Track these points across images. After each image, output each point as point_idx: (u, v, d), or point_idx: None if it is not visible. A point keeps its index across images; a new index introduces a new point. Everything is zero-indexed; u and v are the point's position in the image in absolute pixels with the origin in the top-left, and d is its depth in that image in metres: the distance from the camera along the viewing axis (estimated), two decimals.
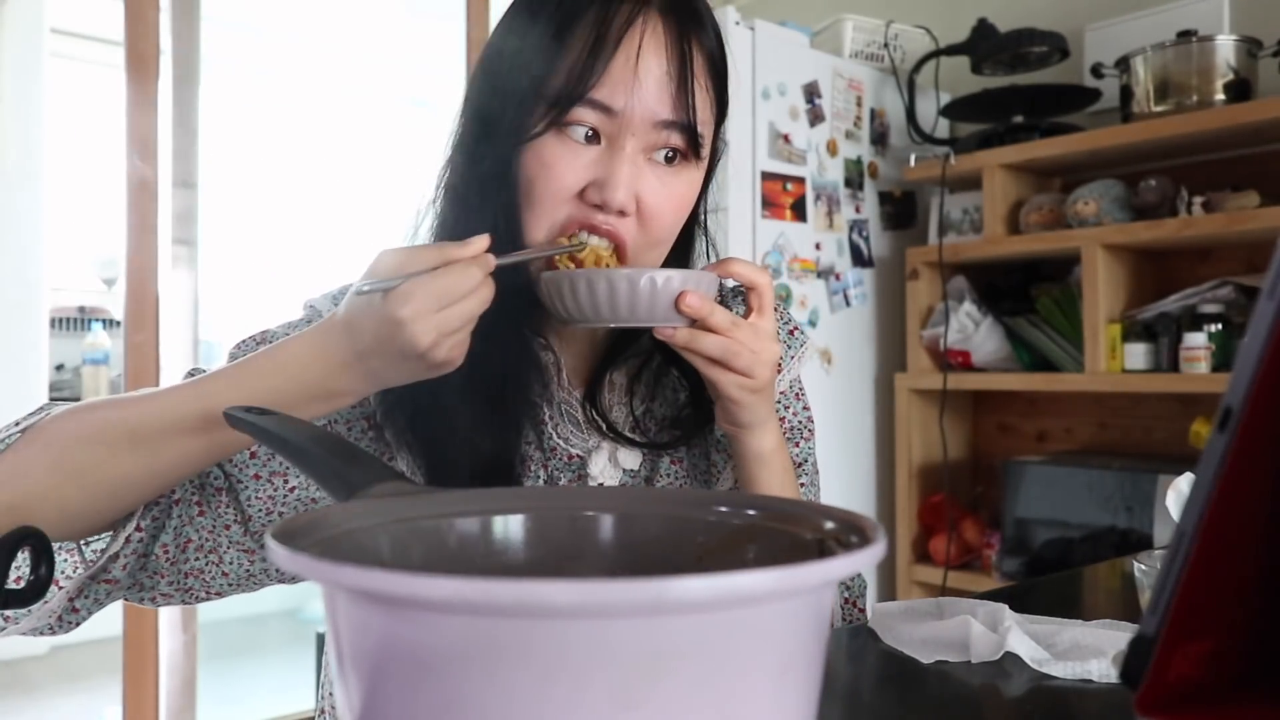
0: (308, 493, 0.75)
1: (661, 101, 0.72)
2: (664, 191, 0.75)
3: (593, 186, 0.72)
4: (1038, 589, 1.03)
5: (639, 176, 0.73)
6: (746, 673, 0.33)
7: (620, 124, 0.72)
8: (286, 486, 0.75)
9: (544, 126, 0.72)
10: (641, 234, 0.75)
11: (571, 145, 0.72)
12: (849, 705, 0.62)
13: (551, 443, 0.81)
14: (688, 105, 0.73)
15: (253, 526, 0.74)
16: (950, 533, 2.38)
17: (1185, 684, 0.35)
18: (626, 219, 0.73)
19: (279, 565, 0.35)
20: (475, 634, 0.30)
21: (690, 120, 0.73)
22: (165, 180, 2.11)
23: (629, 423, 0.83)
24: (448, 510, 0.48)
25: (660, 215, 0.75)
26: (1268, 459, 0.34)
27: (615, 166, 0.72)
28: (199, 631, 2.20)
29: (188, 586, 0.75)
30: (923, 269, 2.44)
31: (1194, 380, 1.99)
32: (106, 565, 0.70)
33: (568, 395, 0.83)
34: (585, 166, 0.72)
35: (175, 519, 0.73)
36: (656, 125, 0.72)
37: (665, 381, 0.86)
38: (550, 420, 0.81)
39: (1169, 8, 2.28)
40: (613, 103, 0.71)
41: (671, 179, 0.75)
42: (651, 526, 0.48)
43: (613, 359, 0.84)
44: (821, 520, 0.44)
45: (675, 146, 0.74)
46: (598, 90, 0.70)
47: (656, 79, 0.71)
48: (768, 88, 2.26)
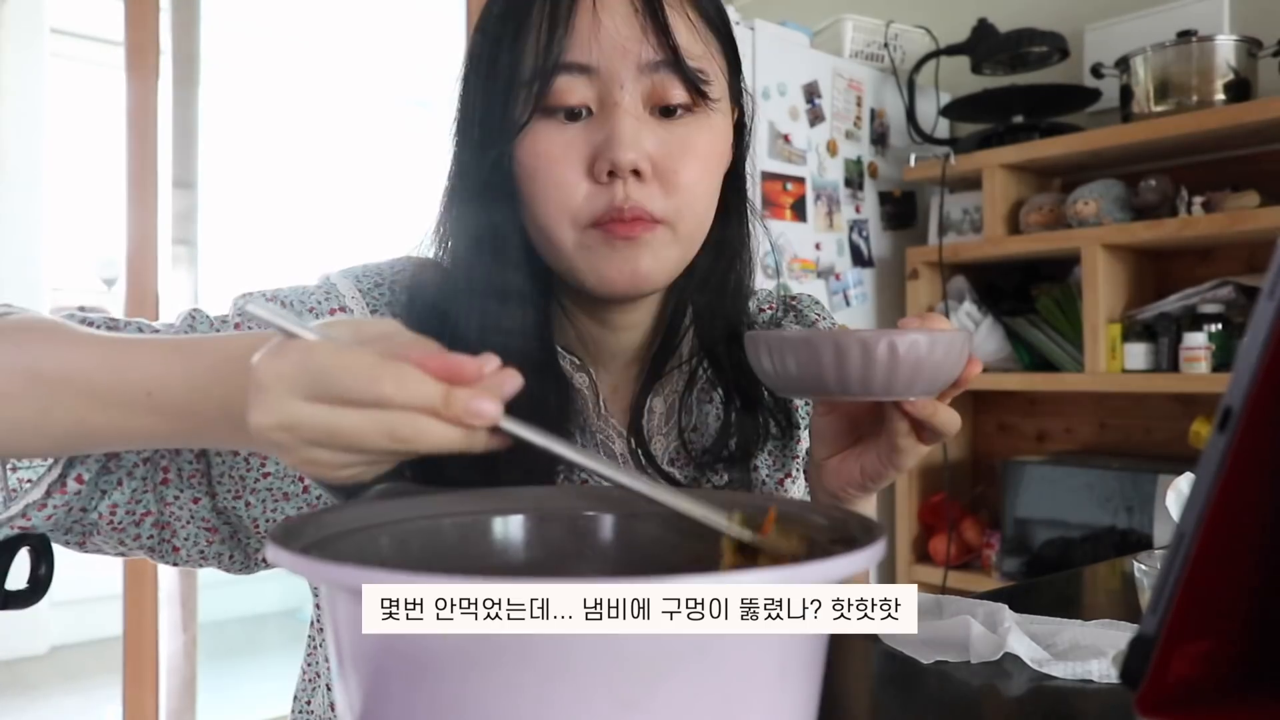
0: (281, 484, 0.69)
1: (634, 38, 0.66)
2: (678, 143, 0.67)
3: (599, 158, 0.66)
4: (1038, 589, 1.03)
5: (644, 132, 0.66)
6: (746, 673, 0.33)
7: (604, 81, 0.66)
8: (261, 471, 0.68)
9: (529, 113, 0.66)
10: (670, 200, 0.67)
11: (563, 126, 0.67)
12: (849, 705, 0.62)
13: (583, 476, 0.72)
14: (665, 31, 0.66)
15: (219, 503, 0.68)
16: (950, 533, 2.38)
17: (1185, 684, 0.35)
18: (647, 186, 0.66)
19: (279, 566, 0.35)
20: (475, 634, 0.30)
21: (674, 53, 0.66)
22: (165, 180, 2.11)
23: (668, 455, 0.77)
24: (448, 510, 0.48)
25: (683, 172, 0.67)
26: (1268, 459, 0.34)
27: (615, 124, 0.65)
28: (199, 631, 2.20)
29: (130, 549, 0.68)
30: (923, 269, 2.44)
31: (1194, 380, 1.99)
32: (25, 510, 0.62)
33: (604, 424, 0.76)
34: (584, 141, 0.66)
35: (137, 480, 0.65)
36: (642, 70, 0.66)
37: (708, 409, 0.79)
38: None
39: (1169, 8, 2.28)
40: (587, 59, 0.65)
41: (683, 130, 0.68)
42: (652, 526, 0.48)
43: (653, 380, 0.77)
44: (821, 520, 0.44)
45: (675, 96, 0.67)
46: (568, 53, 0.65)
47: (623, 17, 0.66)
48: (768, 88, 2.26)
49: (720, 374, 0.78)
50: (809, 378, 0.59)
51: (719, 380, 0.79)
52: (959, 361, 0.61)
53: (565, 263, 0.69)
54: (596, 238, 0.67)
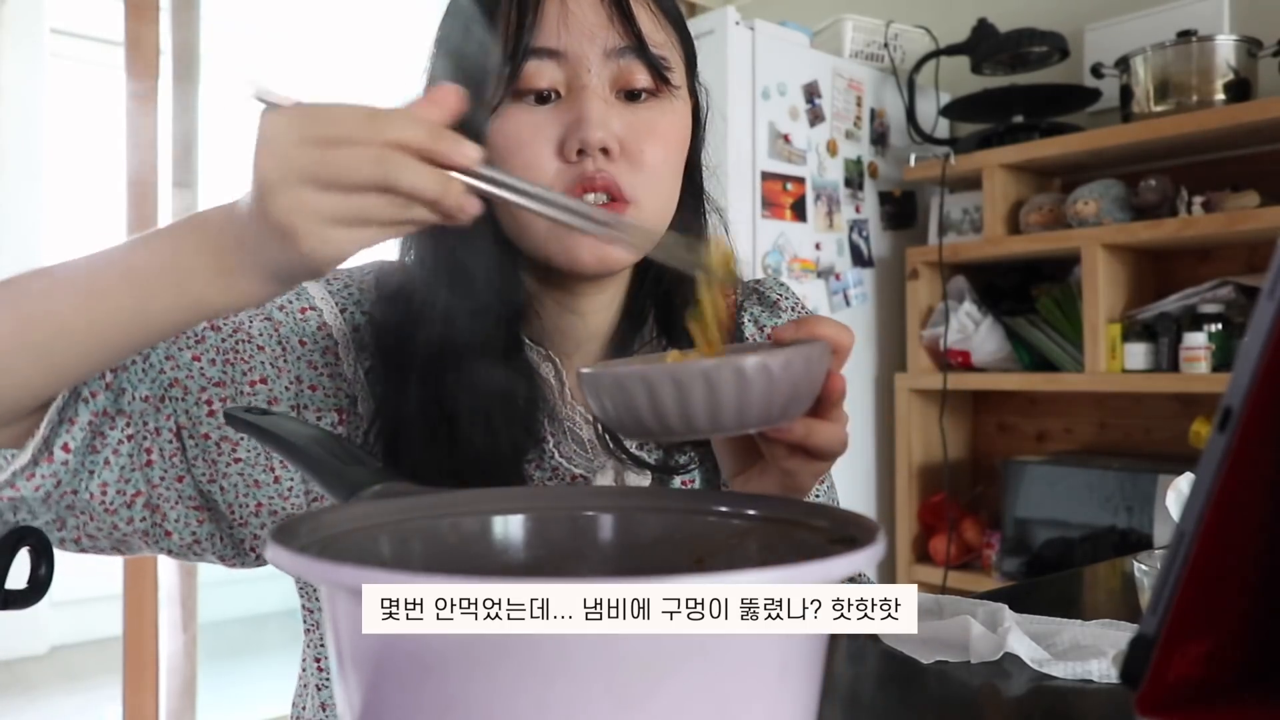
0: (251, 471, 0.69)
1: (600, 24, 0.69)
2: (644, 125, 0.70)
3: (569, 138, 0.68)
4: (1038, 589, 1.03)
5: (612, 114, 0.69)
6: (746, 673, 0.33)
7: (572, 65, 0.69)
8: (232, 455, 0.68)
9: (500, 97, 0.69)
10: (636, 177, 0.70)
11: (533, 109, 0.69)
12: (849, 705, 0.62)
13: (553, 462, 0.76)
14: (629, 19, 0.69)
15: (200, 485, 0.68)
16: (950, 533, 2.38)
17: (1185, 684, 0.35)
18: (616, 163, 0.69)
19: (280, 566, 0.35)
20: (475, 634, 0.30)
21: (638, 40, 0.69)
22: (165, 180, 2.11)
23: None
24: (448, 510, 0.48)
25: (648, 152, 0.70)
26: (1268, 459, 0.34)
27: (583, 105, 0.68)
28: (199, 631, 2.20)
29: (124, 534, 0.68)
30: (923, 269, 2.44)
31: (1194, 380, 1.99)
32: (13, 479, 0.62)
33: (571, 411, 0.77)
34: (554, 123, 0.69)
35: (124, 458, 0.66)
36: (609, 55, 0.69)
37: None
38: (552, 438, 0.76)
39: (1169, 8, 2.28)
40: (556, 43, 0.68)
41: (647, 113, 0.71)
42: (652, 526, 0.48)
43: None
44: (821, 520, 0.44)
45: (639, 80, 0.70)
46: (536, 38, 0.68)
47: (590, 5, 0.69)
48: (768, 88, 2.26)
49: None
50: (651, 419, 0.49)
51: None
52: (813, 378, 0.52)
53: (535, 242, 0.70)
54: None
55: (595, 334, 0.79)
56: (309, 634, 0.82)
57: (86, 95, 3.81)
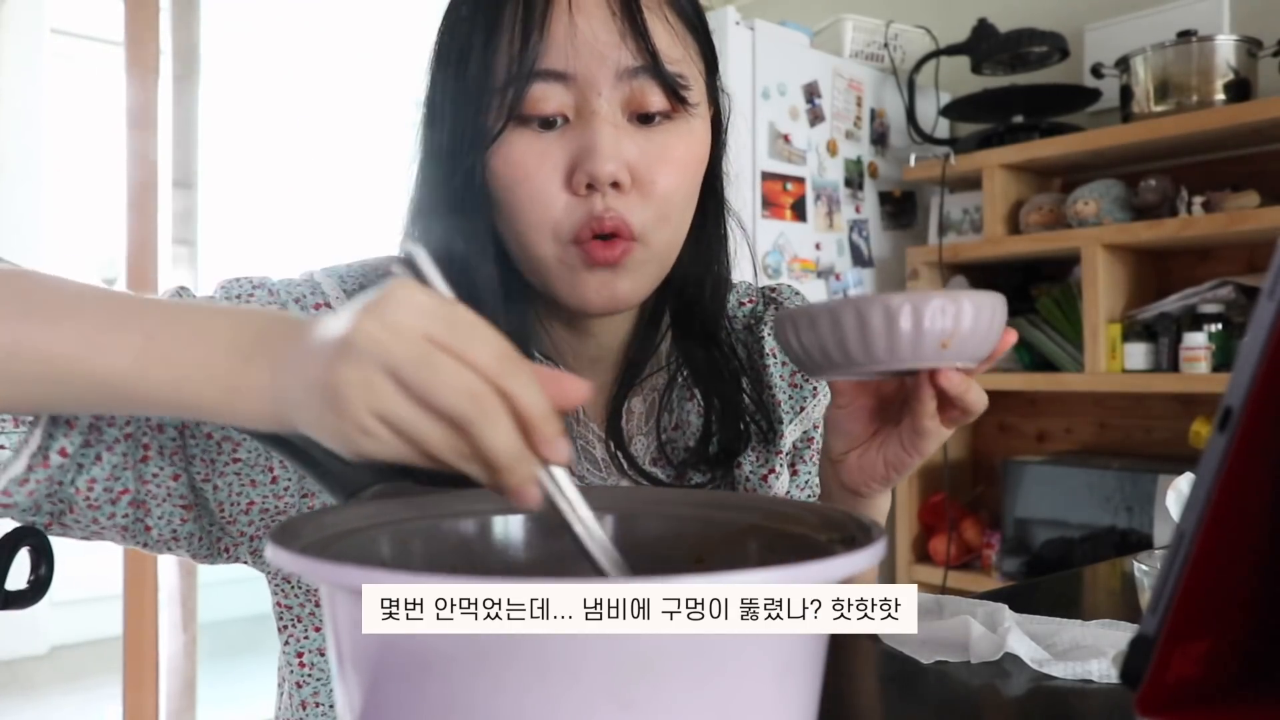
0: (250, 471, 0.67)
1: (612, 43, 0.64)
2: (657, 152, 0.66)
3: (577, 169, 0.64)
4: (1038, 589, 1.03)
5: (624, 141, 0.64)
6: (746, 673, 0.33)
7: (581, 88, 0.64)
8: (232, 455, 0.66)
9: (503, 122, 0.64)
10: (648, 209, 0.66)
11: (538, 135, 0.65)
12: (849, 705, 0.62)
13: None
14: (643, 35, 0.64)
15: (195, 482, 0.66)
16: (950, 533, 2.38)
17: (1185, 684, 0.35)
18: (627, 196, 0.65)
19: (280, 566, 0.34)
20: (476, 634, 0.30)
21: (653, 58, 0.64)
22: (165, 180, 2.11)
23: (650, 455, 0.76)
24: (448, 510, 0.48)
25: (661, 180, 0.66)
26: (1268, 459, 0.34)
27: (593, 134, 0.63)
28: (199, 631, 2.20)
29: (102, 528, 0.65)
30: (923, 269, 2.44)
31: (1194, 380, 1.99)
32: (6, 487, 0.58)
33: (584, 429, 0.75)
34: (561, 150, 0.64)
35: (117, 456, 0.63)
36: (621, 76, 0.64)
37: (688, 407, 0.78)
38: None
39: (1169, 8, 2.28)
40: (563, 65, 0.63)
41: (662, 137, 0.66)
42: (651, 526, 0.49)
43: (630, 382, 0.76)
44: (821, 520, 0.44)
45: (654, 103, 0.65)
46: (543, 59, 0.63)
47: (601, 21, 0.64)
48: (768, 88, 2.26)
49: (698, 376, 0.77)
50: (841, 351, 0.55)
51: (696, 382, 0.78)
52: (998, 329, 0.57)
53: (543, 277, 0.68)
54: (576, 256, 0.66)
55: (607, 353, 0.77)
56: (286, 631, 0.81)
57: (86, 95, 3.81)
